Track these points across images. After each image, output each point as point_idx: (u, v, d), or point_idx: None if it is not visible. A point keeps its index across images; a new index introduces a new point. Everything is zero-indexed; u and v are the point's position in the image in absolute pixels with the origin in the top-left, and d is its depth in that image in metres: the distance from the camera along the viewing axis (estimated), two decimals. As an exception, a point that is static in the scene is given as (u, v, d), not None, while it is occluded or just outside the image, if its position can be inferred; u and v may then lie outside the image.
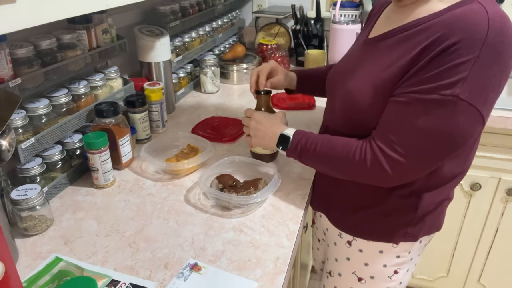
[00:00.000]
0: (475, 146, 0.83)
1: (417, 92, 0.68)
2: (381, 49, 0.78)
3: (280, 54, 1.77)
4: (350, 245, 0.93)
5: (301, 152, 0.85)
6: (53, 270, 0.74)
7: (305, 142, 0.84)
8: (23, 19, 0.54)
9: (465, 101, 0.65)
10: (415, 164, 0.73)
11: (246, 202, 0.90)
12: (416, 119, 0.69)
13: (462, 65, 0.64)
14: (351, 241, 0.93)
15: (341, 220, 0.94)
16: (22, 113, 0.87)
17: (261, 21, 2.03)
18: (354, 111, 0.79)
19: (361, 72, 0.79)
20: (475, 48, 0.63)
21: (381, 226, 0.87)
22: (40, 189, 0.82)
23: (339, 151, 0.79)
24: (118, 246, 0.81)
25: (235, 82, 1.74)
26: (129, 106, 1.16)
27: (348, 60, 0.92)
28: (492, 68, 0.64)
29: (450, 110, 0.66)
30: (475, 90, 0.65)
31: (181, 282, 0.72)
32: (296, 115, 1.41)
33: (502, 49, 0.64)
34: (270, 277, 0.74)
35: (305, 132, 0.87)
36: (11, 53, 0.85)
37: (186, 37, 1.57)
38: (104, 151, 0.97)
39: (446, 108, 0.66)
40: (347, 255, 0.95)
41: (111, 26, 1.15)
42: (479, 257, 1.66)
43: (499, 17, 0.65)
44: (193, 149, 1.12)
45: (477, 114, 0.66)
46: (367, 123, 0.78)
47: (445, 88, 0.65)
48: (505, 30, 0.64)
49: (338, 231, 0.95)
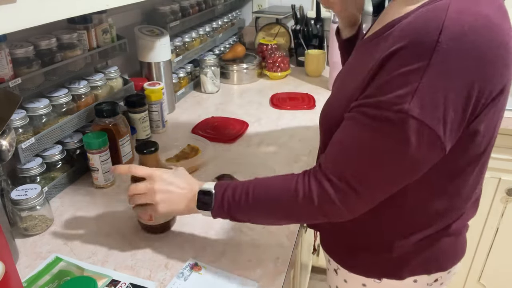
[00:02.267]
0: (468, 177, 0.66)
1: (365, 106, 0.57)
2: (365, 53, 0.67)
3: (280, 54, 1.77)
4: (336, 273, 0.83)
5: (229, 207, 0.68)
6: (53, 270, 0.74)
7: (232, 193, 0.68)
8: (23, 19, 0.54)
9: (416, 118, 0.52)
10: (364, 196, 0.61)
11: None
12: (361, 141, 0.58)
13: (411, 75, 0.52)
14: (336, 269, 0.82)
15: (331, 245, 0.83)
16: (22, 113, 0.87)
17: (261, 21, 2.03)
18: (328, 127, 0.69)
19: (349, 81, 0.68)
20: (423, 55, 0.51)
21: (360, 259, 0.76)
22: (40, 189, 0.82)
23: (278, 191, 0.66)
24: (118, 246, 0.81)
25: (235, 82, 1.74)
26: (129, 106, 1.16)
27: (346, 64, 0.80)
28: (448, 80, 0.51)
29: (399, 130, 0.54)
30: (427, 105, 0.52)
31: (181, 282, 0.72)
32: (296, 115, 1.41)
33: (461, 57, 0.50)
34: (270, 277, 0.74)
35: (229, 183, 0.70)
36: (11, 53, 0.85)
37: (186, 37, 1.57)
38: (104, 151, 0.97)
39: (394, 126, 0.54)
40: (336, 283, 0.85)
41: (111, 26, 1.15)
42: (479, 257, 1.66)
43: (466, 17, 0.51)
44: (193, 149, 1.12)
45: (432, 135, 0.53)
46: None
47: (393, 103, 0.53)
48: (469, 34, 0.50)
49: (327, 257, 0.85)
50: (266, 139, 1.25)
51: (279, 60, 1.76)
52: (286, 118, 1.40)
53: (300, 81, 1.76)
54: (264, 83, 1.76)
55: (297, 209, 0.65)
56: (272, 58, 1.76)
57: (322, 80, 1.76)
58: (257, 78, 1.78)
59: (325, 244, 0.84)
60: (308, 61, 1.80)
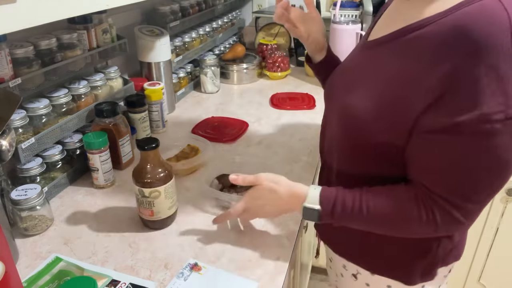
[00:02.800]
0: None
1: (466, 124, 0.55)
2: (383, 55, 0.67)
3: (280, 54, 1.77)
4: (355, 278, 0.82)
5: (339, 221, 0.69)
6: (53, 270, 0.74)
7: (342, 209, 0.68)
8: (23, 19, 0.54)
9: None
10: (484, 204, 0.62)
11: None
12: (476, 158, 0.57)
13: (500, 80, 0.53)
14: (356, 274, 0.82)
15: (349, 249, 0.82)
16: (22, 113, 0.87)
17: (261, 21, 2.03)
18: (352, 126, 0.69)
19: (361, 83, 0.69)
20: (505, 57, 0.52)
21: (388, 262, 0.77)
22: (40, 189, 0.82)
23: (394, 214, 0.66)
24: (118, 246, 0.81)
25: (235, 82, 1.74)
26: (129, 106, 1.16)
27: (346, 66, 0.80)
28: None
29: (508, 136, 0.55)
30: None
31: (181, 282, 0.72)
32: (296, 115, 1.41)
33: None
34: (270, 277, 0.74)
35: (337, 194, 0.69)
36: (11, 53, 0.85)
37: (186, 37, 1.57)
38: (104, 151, 0.97)
39: (503, 135, 0.55)
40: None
41: (111, 26, 1.15)
42: (479, 257, 1.66)
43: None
44: (193, 149, 1.12)
45: None
46: (368, 139, 0.67)
47: (497, 112, 0.54)
48: None
49: (342, 263, 0.84)
50: (266, 139, 1.25)
51: (279, 60, 1.76)
52: (286, 118, 1.40)
53: (300, 81, 1.76)
54: (264, 83, 1.76)
55: (416, 230, 0.66)
56: (272, 58, 1.76)
57: (322, 80, 1.76)
58: (257, 78, 1.78)
59: (341, 248, 0.83)
60: (308, 61, 1.80)
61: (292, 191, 0.73)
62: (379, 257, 0.77)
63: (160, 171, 0.81)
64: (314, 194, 0.70)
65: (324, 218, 0.69)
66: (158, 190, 0.81)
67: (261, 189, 0.76)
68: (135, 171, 0.82)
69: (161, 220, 0.84)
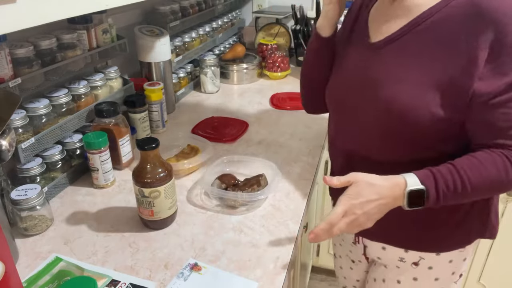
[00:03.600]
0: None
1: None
2: (406, 48, 0.71)
3: (280, 54, 1.77)
4: (416, 265, 0.85)
5: (445, 199, 0.68)
6: (53, 270, 0.74)
7: (445, 187, 0.67)
8: (23, 19, 0.54)
9: None
10: None
11: (252, 199, 0.91)
12: None
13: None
14: (417, 261, 0.84)
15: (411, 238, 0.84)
16: (22, 113, 0.87)
17: (261, 21, 2.03)
18: (409, 130, 0.70)
19: (404, 84, 0.70)
20: None
21: (455, 235, 0.81)
22: (40, 189, 0.82)
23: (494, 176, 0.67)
24: (118, 246, 0.81)
25: (235, 82, 1.74)
26: (129, 106, 1.16)
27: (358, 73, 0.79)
28: None
29: None
30: None
31: (181, 282, 0.72)
32: (296, 115, 1.41)
33: None
34: (270, 277, 0.74)
35: (432, 172, 0.68)
36: (11, 53, 0.85)
37: (186, 37, 1.57)
38: (104, 151, 0.97)
39: None
40: (414, 275, 0.86)
41: (111, 26, 1.15)
42: (479, 257, 1.66)
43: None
44: (193, 149, 1.12)
45: None
46: (424, 123, 0.69)
47: None
48: None
49: (398, 256, 0.86)
50: (266, 139, 1.25)
51: (279, 60, 1.76)
52: (286, 118, 1.40)
53: (300, 81, 1.76)
54: (264, 83, 1.75)
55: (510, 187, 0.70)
56: (272, 58, 1.76)
57: (322, 80, 1.76)
58: (257, 78, 1.78)
59: (398, 240, 0.85)
60: (308, 61, 1.80)
61: (390, 180, 0.69)
62: (442, 236, 0.81)
63: (160, 171, 0.81)
64: (411, 177, 0.68)
65: (430, 198, 0.67)
66: (158, 190, 0.81)
67: (358, 185, 0.70)
68: (135, 171, 0.82)
69: (161, 220, 0.84)
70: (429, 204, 0.68)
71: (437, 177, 0.67)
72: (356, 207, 0.69)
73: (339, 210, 0.69)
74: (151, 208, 0.82)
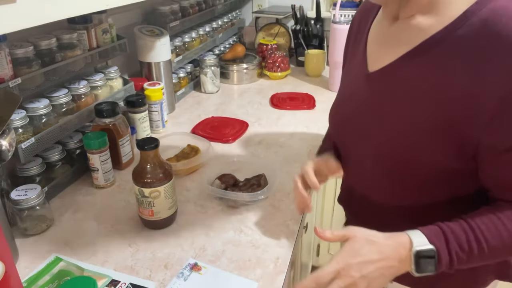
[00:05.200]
0: None
1: None
2: (407, 84, 0.61)
3: (280, 54, 1.77)
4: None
5: (459, 261, 0.58)
6: (53, 270, 0.74)
7: (458, 246, 0.57)
8: (23, 19, 0.54)
9: None
10: None
11: (252, 199, 0.91)
12: None
13: None
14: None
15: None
16: (22, 113, 0.87)
17: (261, 21, 2.03)
18: (403, 167, 0.63)
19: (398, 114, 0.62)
20: None
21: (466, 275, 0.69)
22: (40, 189, 0.82)
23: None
24: (118, 246, 0.81)
25: (235, 82, 1.74)
26: (129, 106, 1.16)
27: (355, 104, 0.72)
28: None
29: None
30: None
31: (181, 282, 0.72)
32: (296, 115, 1.41)
33: None
34: (270, 277, 0.74)
35: (442, 229, 0.59)
36: (11, 53, 0.85)
37: (186, 37, 1.57)
38: (104, 151, 0.97)
39: None
40: None
41: (111, 26, 1.15)
42: (479, 257, 1.66)
43: None
44: (193, 149, 1.12)
45: None
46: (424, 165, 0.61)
47: None
48: None
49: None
50: (266, 139, 1.25)
51: (279, 60, 1.76)
52: (286, 118, 1.40)
53: (300, 81, 1.76)
54: (264, 83, 1.76)
55: None
56: (272, 58, 1.76)
57: (322, 80, 1.76)
58: (257, 78, 1.78)
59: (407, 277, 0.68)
60: (308, 61, 1.80)
61: (394, 239, 0.59)
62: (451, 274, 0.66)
63: (160, 171, 0.81)
64: (417, 235, 0.58)
65: (443, 260, 0.57)
66: (158, 190, 0.81)
67: (357, 241, 0.60)
68: (135, 171, 0.82)
69: (161, 220, 0.84)
70: (442, 268, 0.57)
71: (447, 234, 0.57)
72: (352, 268, 0.58)
73: (330, 268, 0.59)
74: (151, 208, 0.82)
